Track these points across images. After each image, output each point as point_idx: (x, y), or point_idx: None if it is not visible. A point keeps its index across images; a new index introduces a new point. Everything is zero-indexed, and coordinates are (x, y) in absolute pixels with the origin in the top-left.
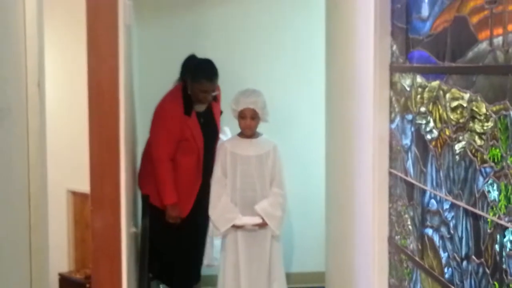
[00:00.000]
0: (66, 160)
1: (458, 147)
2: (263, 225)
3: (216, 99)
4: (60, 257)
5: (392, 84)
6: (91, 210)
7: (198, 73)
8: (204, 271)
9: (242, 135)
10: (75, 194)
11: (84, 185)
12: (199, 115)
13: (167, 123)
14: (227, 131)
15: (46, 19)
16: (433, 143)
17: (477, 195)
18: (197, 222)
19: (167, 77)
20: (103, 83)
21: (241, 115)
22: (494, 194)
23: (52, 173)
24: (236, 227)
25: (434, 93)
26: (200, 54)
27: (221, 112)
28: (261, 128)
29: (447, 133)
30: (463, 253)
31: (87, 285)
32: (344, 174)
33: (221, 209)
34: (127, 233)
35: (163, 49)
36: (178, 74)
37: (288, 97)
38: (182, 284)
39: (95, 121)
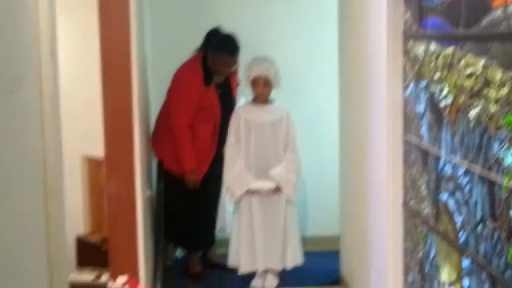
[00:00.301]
0: (80, 127)
1: (473, 113)
2: (277, 190)
3: (234, 71)
4: (75, 222)
5: (406, 52)
6: (106, 175)
7: (221, 47)
8: (217, 235)
9: (255, 102)
10: (90, 160)
11: (99, 151)
12: (217, 86)
13: (187, 91)
14: (243, 102)
15: None
16: (448, 109)
17: (492, 161)
18: (210, 188)
19: (179, 43)
20: (115, 50)
21: (254, 83)
22: (509, 160)
23: (66, 140)
24: (250, 192)
25: (449, 60)
26: (212, 22)
27: (238, 84)
28: (273, 94)
29: (462, 99)
30: (478, 217)
31: (103, 248)
32: (358, 140)
33: (236, 174)
34: (142, 198)
35: (175, 15)
36: (190, 41)
37: (300, 64)
38: (197, 248)
39: (108, 87)
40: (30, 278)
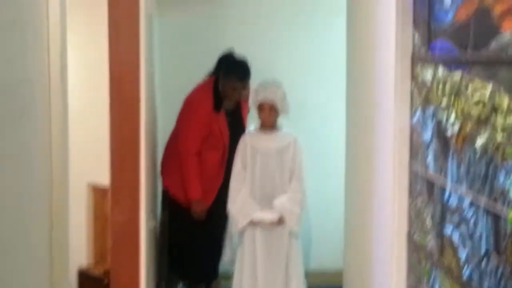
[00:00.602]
0: (87, 154)
1: (479, 142)
2: (280, 221)
3: (246, 97)
4: (79, 251)
5: (414, 76)
6: (110, 203)
7: (231, 72)
8: (223, 266)
9: (262, 128)
10: (95, 188)
11: (104, 179)
12: (227, 112)
13: (197, 116)
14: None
15: (69, 7)
16: (454, 138)
17: (497, 193)
18: (216, 218)
19: (188, 67)
20: (124, 75)
21: (260, 108)
22: None
23: (72, 167)
24: (254, 222)
25: (456, 85)
26: (221, 44)
27: (249, 110)
28: (281, 121)
29: (469, 127)
30: (483, 251)
31: (106, 281)
32: (364, 169)
33: (240, 204)
34: (146, 228)
35: (184, 39)
36: (199, 65)
37: (308, 89)
38: (199, 280)
39: (116, 113)
40: None
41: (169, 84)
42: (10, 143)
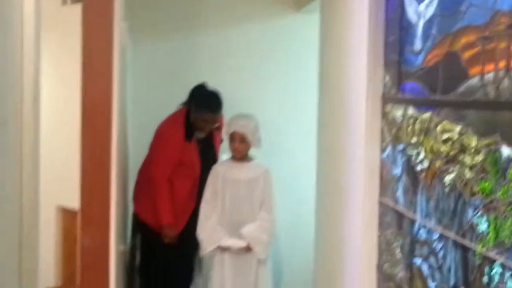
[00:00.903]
0: (56, 176)
1: (448, 178)
2: (248, 249)
3: (218, 127)
4: (47, 273)
5: (384, 115)
6: (80, 226)
7: (202, 103)
8: None
9: (234, 158)
10: (64, 210)
11: (73, 202)
12: (199, 142)
13: (169, 145)
14: (225, 158)
15: (43, 36)
16: (423, 173)
17: (466, 227)
18: (188, 243)
19: (161, 97)
20: (96, 101)
21: (231, 138)
22: (483, 227)
23: (41, 188)
24: (222, 248)
25: (426, 125)
26: (194, 77)
27: (221, 141)
28: (253, 152)
29: (437, 164)
30: (451, 284)
31: None
32: (334, 202)
33: (209, 230)
34: (116, 251)
35: (157, 71)
36: (171, 96)
37: (281, 122)
38: None
39: (87, 138)
40: None
41: (142, 112)
42: None
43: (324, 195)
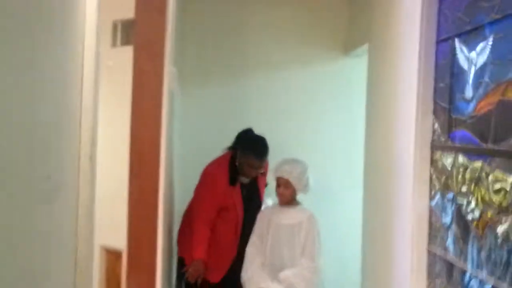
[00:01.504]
0: (99, 215)
1: (500, 229)
2: None
3: (263, 173)
4: None
5: (433, 162)
6: (127, 269)
7: (249, 149)
8: None
9: (279, 202)
10: (107, 251)
11: (116, 242)
12: (243, 186)
13: (212, 188)
14: (270, 203)
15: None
16: (475, 223)
17: None
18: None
19: (207, 142)
20: (145, 144)
21: (277, 183)
22: None
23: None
24: None
25: (477, 174)
26: (241, 121)
27: (266, 185)
28: (302, 197)
29: (489, 214)
30: None
31: None
32: (381, 249)
33: (252, 272)
34: None
35: (204, 115)
36: (217, 140)
37: (329, 167)
38: None
39: (135, 181)
40: None
41: (188, 155)
42: (42, 220)
43: (371, 242)
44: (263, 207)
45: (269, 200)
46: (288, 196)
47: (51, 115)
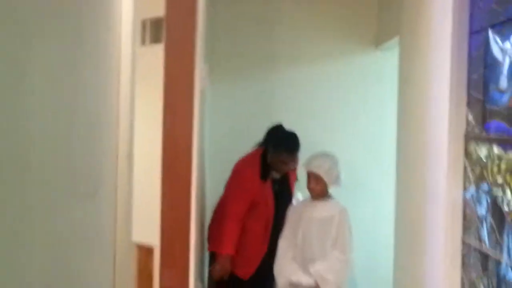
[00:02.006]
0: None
1: None
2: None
3: (294, 167)
4: None
5: (467, 153)
6: (160, 265)
7: (280, 145)
8: None
9: (311, 197)
10: (139, 247)
11: (147, 238)
12: (274, 182)
13: (244, 183)
14: (300, 197)
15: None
16: (511, 215)
17: None
18: (264, 283)
19: (237, 138)
20: (177, 141)
21: (307, 177)
22: None
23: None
24: (293, 285)
25: None
26: (271, 116)
27: (296, 179)
28: (334, 191)
29: None
30: None
31: None
32: (414, 241)
33: (283, 265)
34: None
35: (235, 111)
36: (248, 136)
37: (360, 161)
38: None
39: (167, 179)
40: None
41: (219, 152)
42: (82, 218)
43: (403, 234)
44: (293, 202)
45: (299, 194)
46: (319, 190)
47: (91, 114)
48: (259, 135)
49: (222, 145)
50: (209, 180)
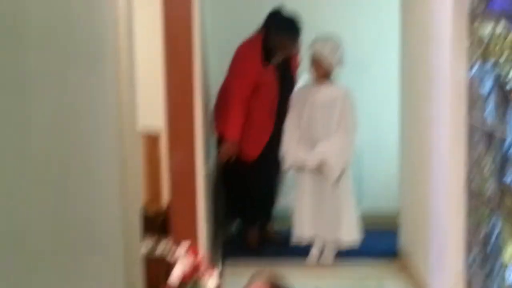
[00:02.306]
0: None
1: None
2: (321, 166)
3: (296, 51)
4: None
5: (471, 32)
6: (168, 148)
7: (282, 28)
8: (277, 210)
9: (314, 81)
10: (146, 135)
11: (153, 124)
12: (277, 66)
13: (246, 66)
14: (304, 81)
15: None
16: None
17: None
18: (270, 164)
19: (238, 22)
20: (178, 26)
21: (311, 61)
22: None
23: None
24: (300, 166)
25: None
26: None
27: (299, 64)
28: (338, 72)
29: None
30: None
31: (159, 219)
32: (419, 119)
33: (289, 146)
34: (202, 170)
35: None
36: (248, 20)
37: (363, 42)
38: (253, 221)
39: (170, 63)
40: (107, 243)
41: (220, 36)
42: (81, 95)
43: (408, 113)
44: (297, 86)
45: (303, 78)
46: (322, 73)
47: None
48: (260, 19)
49: (223, 30)
50: (211, 64)
